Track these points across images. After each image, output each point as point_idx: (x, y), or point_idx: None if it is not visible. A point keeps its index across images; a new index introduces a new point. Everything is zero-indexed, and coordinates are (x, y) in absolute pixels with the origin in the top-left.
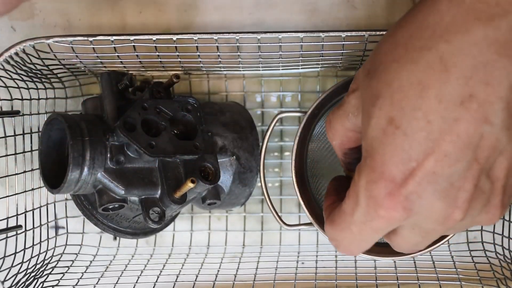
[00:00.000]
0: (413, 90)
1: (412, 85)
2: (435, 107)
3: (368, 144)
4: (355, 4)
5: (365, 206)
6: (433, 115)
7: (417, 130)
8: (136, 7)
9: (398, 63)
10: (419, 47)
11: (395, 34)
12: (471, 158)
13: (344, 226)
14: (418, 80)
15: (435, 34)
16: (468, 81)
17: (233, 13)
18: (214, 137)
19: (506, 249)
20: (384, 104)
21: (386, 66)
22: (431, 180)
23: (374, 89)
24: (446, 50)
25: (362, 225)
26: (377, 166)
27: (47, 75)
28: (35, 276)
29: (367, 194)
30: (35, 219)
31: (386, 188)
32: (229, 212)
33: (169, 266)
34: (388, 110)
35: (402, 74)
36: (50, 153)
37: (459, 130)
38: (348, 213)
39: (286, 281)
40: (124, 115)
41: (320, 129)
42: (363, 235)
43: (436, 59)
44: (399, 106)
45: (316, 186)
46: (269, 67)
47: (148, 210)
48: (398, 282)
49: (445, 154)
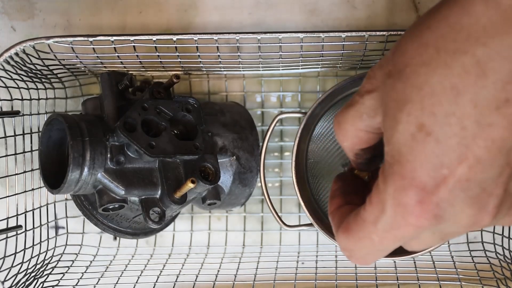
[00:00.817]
0: (447, 95)
1: (445, 90)
2: (470, 112)
3: (395, 149)
4: (355, 4)
5: (393, 214)
6: (468, 120)
7: (450, 136)
8: (136, 7)
9: (429, 66)
10: (453, 50)
11: (422, 35)
12: (504, 163)
13: (363, 235)
14: (452, 85)
15: (471, 37)
16: (505, 85)
17: (233, 13)
18: (214, 137)
19: (506, 249)
20: (413, 109)
21: (414, 68)
22: (464, 187)
23: (401, 92)
24: (483, 54)
25: (385, 234)
26: (406, 173)
27: (47, 75)
28: (35, 276)
29: (395, 202)
30: (35, 219)
31: (416, 196)
32: (229, 212)
33: (169, 266)
34: (418, 116)
35: (434, 78)
36: (50, 153)
37: (494, 135)
38: (371, 221)
39: (286, 281)
40: (124, 115)
41: (320, 129)
42: (384, 244)
43: (473, 63)
44: (430, 112)
45: (316, 186)
46: (269, 67)
47: (148, 210)
48: (398, 282)
49: (479, 160)
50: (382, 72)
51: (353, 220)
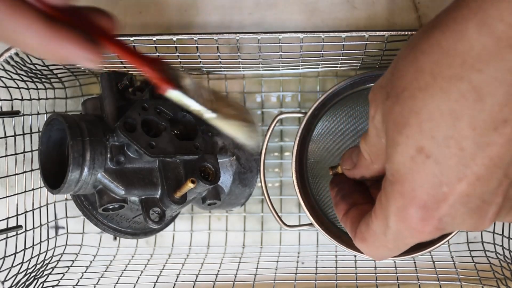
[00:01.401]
0: (445, 119)
1: (443, 114)
2: (468, 134)
3: (395, 168)
4: (355, 4)
5: (397, 229)
6: (466, 142)
7: (449, 157)
8: (136, 7)
9: (425, 92)
10: (449, 76)
11: (417, 60)
12: (502, 176)
13: (379, 245)
14: (450, 110)
15: (466, 64)
16: (503, 108)
17: (233, 13)
18: (214, 137)
19: (506, 249)
20: (412, 133)
21: (412, 93)
22: (464, 202)
23: (399, 115)
24: (479, 79)
25: (397, 242)
26: (406, 192)
27: (47, 75)
28: (35, 276)
29: (398, 218)
30: (35, 219)
31: (418, 214)
32: (229, 212)
33: (169, 266)
34: (417, 139)
35: (432, 103)
36: (50, 153)
37: (492, 153)
38: (380, 233)
39: (286, 281)
40: (124, 115)
41: (320, 129)
42: (399, 248)
43: (469, 89)
44: (429, 136)
45: (316, 186)
46: (269, 67)
47: (148, 210)
48: (398, 282)
49: (478, 177)
50: (382, 93)
51: (365, 230)
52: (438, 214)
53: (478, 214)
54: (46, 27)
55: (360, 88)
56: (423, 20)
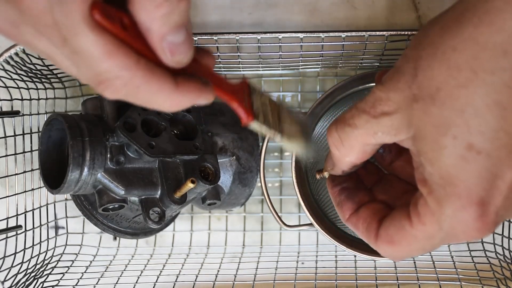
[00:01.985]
0: (493, 112)
1: (490, 108)
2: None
3: (443, 171)
4: (355, 4)
5: (452, 230)
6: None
7: (500, 149)
8: None
9: (467, 88)
10: (491, 69)
11: (449, 58)
12: None
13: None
14: (497, 102)
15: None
16: None
17: (233, 13)
18: (214, 137)
19: (506, 249)
20: (459, 132)
21: (450, 92)
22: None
23: (439, 117)
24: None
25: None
26: (462, 192)
27: (47, 75)
28: (35, 276)
29: (455, 220)
30: (35, 219)
31: (477, 212)
32: (229, 212)
33: (169, 266)
34: (466, 138)
35: (477, 98)
36: (50, 153)
37: None
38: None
39: (286, 281)
40: (124, 115)
41: (320, 129)
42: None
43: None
44: (478, 131)
45: (316, 186)
46: (269, 67)
47: (148, 210)
48: (398, 282)
49: None
50: (403, 95)
51: (397, 233)
52: (495, 207)
53: None
54: (174, 85)
55: (360, 88)
56: (423, 20)
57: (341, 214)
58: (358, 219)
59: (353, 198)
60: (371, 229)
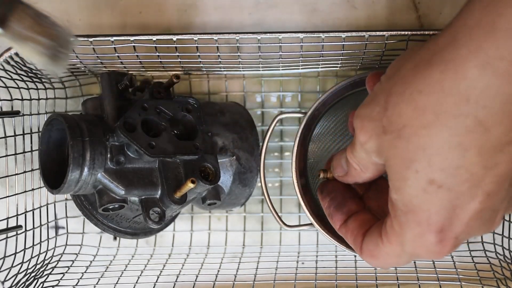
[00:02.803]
0: (453, 152)
1: (451, 148)
2: (477, 161)
3: (406, 200)
4: (355, 4)
5: (413, 252)
6: (475, 168)
7: (460, 184)
8: (136, 7)
9: (430, 129)
10: (453, 114)
11: (415, 99)
12: (508, 185)
13: (391, 262)
14: (458, 143)
15: (470, 101)
16: (508, 133)
17: (233, 13)
18: (214, 138)
19: (506, 249)
20: (421, 167)
21: (415, 130)
22: (478, 217)
23: (405, 151)
24: (484, 114)
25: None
26: (422, 221)
27: (47, 75)
28: (35, 276)
29: (416, 245)
30: (35, 219)
31: (436, 238)
32: (229, 212)
33: (169, 266)
34: (427, 173)
35: (437, 139)
36: (50, 153)
37: (499, 171)
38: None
39: (286, 281)
40: (124, 115)
41: (320, 129)
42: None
43: (475, 123)
44: (439, 168)
45: (316, 186)
46: (269, 67)
47: (148, 210)
48: (398, 282)
49: (488, 193)
50: (374, 125)
51: (375, 249)
52: (454, 234)
53: (490, 222)
54: None
55: (360, 88)
56: (423, 20)
57: (332, 224)
58: (347, 230)
59: (342, 209)
60: (357, 242)
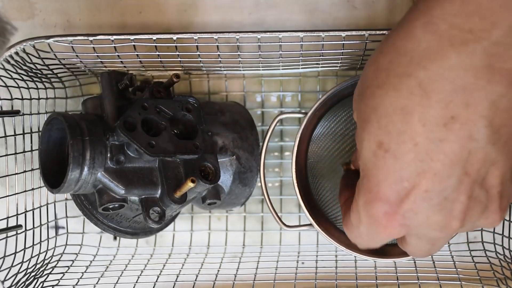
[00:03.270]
0: (397, 115)
1: (395, 110)
2: (420, 130)
3: (363, 164)
4: (355, 4)
5: (366, 223)
6: (419, 138)
7: (405, 153)
8: (136, 7)
9: (382, 89)
10: (399, 74)
11: (378, 60)
12: (461, 173)
13: (356, 235)
14: (401, 106)
15: (413, 61)
16: (448, 104)
17: (233, 13)
18: (214, 137)
19: (506, 249)
20: (372, 129)
21: (372, 91)
22: (425, 197)
23: (363, 113)
24: (424, 76)
25: (369, 236)
26: (372, 187)
27: (47, 75)
28: (35, 276)
29: (366, 213)
30: (35, 219)
31: (382, 208)
32: (229, 212)
33: (169, 266)
34: (377, 134)
35: (386, 100)
36: (50, 153)
37: (445, 150)
38: (355, 226)
39: (286, 281)
40: (124, 114)
41: (320, 129)
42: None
43: (416, 86)
44: (386, 131)
45: (316, 186)
46: (269, 67)
47: (148, 210)
48: (398, 282)
49: (435, 172)
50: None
51: (346, 220)
52: (401, 209)
53: (443, 211)
54: None
55: None
56: None
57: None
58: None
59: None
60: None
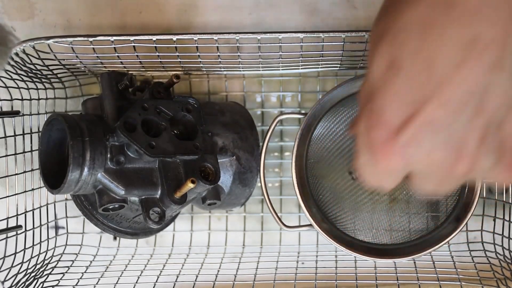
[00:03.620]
0: (417, 29)
1: (415, 24)
2: (437, 49)
3: (370, 85)
4: (355, 4)
5: (366, 152)
6: (437, 57)
7: (419, 72)
8: (136, 7)
9: (407, 2)
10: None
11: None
12: (475, 107)
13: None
14: (422, 19)
15: None
16: (473, 19)
17: (233, 13)
18: (214, 137)
19: (506, 249)
20: (387, 44)
21: (396, 4)
22: (430, 128)
23: (380, 28)
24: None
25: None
26: (376, 109)
27: (47, 75)
28: (35, 276)
29: (365, 140)
30: (35, 219)
31: (382, 135)
32: (229, 212)
33: (169, 266)
34: (391, 50)
35: (407, 12)
36: (50, 153)
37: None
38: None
39: (286, 281)
40: (124, 115)
41: (320, 130)
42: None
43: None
44: (401, 46)
45: (316, 186)
46: (269, 67)
47: (148, 210)
48: (398, 282)
49: (447, 99)
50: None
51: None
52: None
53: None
54: None
55: None
56: None
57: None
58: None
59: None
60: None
